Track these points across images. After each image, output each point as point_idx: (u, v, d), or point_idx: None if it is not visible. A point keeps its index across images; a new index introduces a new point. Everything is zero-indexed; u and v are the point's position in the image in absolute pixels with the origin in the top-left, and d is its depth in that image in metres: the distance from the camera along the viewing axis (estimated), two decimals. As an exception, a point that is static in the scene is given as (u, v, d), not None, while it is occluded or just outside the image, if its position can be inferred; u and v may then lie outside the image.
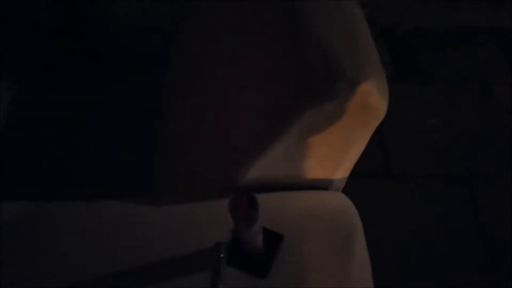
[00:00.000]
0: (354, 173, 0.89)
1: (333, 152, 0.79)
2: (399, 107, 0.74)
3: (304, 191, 0.85)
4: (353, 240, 0.76)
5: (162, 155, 1.13)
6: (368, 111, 0.71)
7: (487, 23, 2.01)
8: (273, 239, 0.75)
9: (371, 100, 0.70)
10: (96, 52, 1.43)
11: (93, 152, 1.21)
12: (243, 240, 0.67)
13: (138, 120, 1.25)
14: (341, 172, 0.84)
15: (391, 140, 1.63)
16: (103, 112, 1.29)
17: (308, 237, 0.77)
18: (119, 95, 1.32)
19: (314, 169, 0.83)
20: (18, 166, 1.19)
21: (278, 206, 0.81)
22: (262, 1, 0.89)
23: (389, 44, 1.96)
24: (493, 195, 1.54)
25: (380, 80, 0.71)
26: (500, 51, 1.98)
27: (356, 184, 0.92)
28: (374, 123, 0.74)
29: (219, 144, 0.92)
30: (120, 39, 1.44)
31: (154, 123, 1.20)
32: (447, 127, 1.72)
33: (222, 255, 0.73)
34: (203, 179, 0.94)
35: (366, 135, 0.76)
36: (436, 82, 1.88)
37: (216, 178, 0.89)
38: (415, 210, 1.52)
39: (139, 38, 1.43)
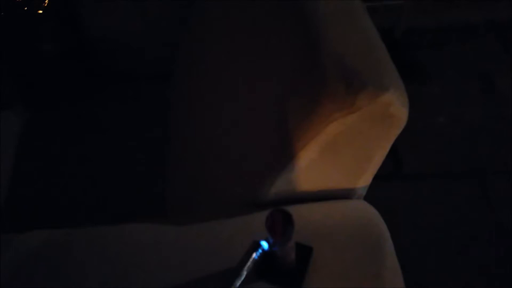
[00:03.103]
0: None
1: (356, 162, 0.80)
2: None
3: (327, 201, 0.86)
4: (382, 248, 0.76)
5: (176, 174, 1.13)
6: (389, 120, 0.73)
7: (484, 17, 2.03)
8: (303, 252, 0.75)
9: (392, 110, 0.71)
10: (101, 73, 1.44)
11: (103, 174, 1.22)
12: (278, 256, 0.68)
13: (148, 139, 1.26)
14: (364, 181, 0.85)
15: (400, 141, 1.64)
16: (112, 133, 1.29)
17: (336, 248, 0.77)
18: (126, 115, 1.33)
19: (337, 179, 0.84)
20: (30, 195, 1.19)
21: (304, 219, 0.82)
22: (273, 12, 0.90)
23: (388, 46, 1.97)
24: (505, 187, 1.56)
25: (399, 89, 0.72)
26: (498, 44, 2.00)
27: (369, 187, 0.93)
28: (396, 132, 0.75)
29: (238, 159, 0.93)
30: (123, 59, 1.44)
31: (165, 141, 1.20)
32: (453, 124, 1.74)
33: (255, 256, 0.72)
34: (223, 196, 0.95)
35: (388, 143, 0.78)
36: (439, 80, 1.90)
37: (238, 195, 0.89)
38: (429, 208, 1.54)
39: (142, 57, 1.44)
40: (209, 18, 1.14)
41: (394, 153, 1.64)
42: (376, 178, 0.91)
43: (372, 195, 0.92)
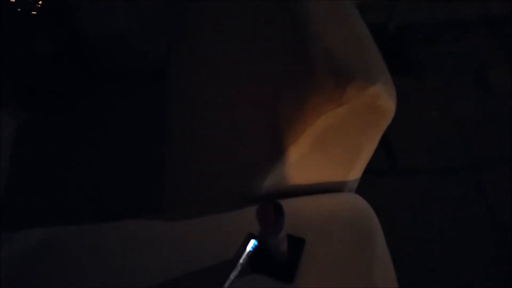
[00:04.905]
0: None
1: (346, 154, 0.81)
2: (398, 102, 0.77)
3: (319, 194, 0.87)
4: (373, 240, 0.78)
5: (172, 170, 1.13)
6: (377, 112, 0.74)
7: (478, 12, 2.03)
8: (296, 243, 0.77)
9: (380, 102, 0.72)
10: (97, 72, 1.45)
11: (101, 172, 1.22)
12: (270, 246, 0.69)
13: (144, 137, 1.26)
14: (354, 173, 0.86)
15: (394, 136, 1.66)
16: (108, 132, 1.30)
17: (328, 240, 0.78)
18: (123, 113, 1.34)
19: (328, 172, 0.85)
20: (27, 193, 1.20)
21: (296, 211, 0.83)
22: (264, 9, 0.91)
23: (381, 41, 1.98)
24: (500, 182, 1.56)
25: (387, 82, 0.73)
26: (492, 39, 2.01)
27: (363, 182, 0.94)
28: (384, 124, 0.76)
29: (231, 155, 0.94)
30: (119, 58, 1.45)
31: (162, 138, 1.21)
32: (447, 118, 1.75)
33: (250, 249, 0.74)
34: (218, 191, 0.96)
35: (377, 136, 0.79)
36: (432, 74, 1.91)
37: (232, 190, 0.90)
38: (424, 203, 1.54)
39: (137, 56, 1.44)
40: (205, 15, 1.15)
41: (388, 149, 1.65)
42: (371, 174, 0.92)
43: (367, 191, 0.93)
